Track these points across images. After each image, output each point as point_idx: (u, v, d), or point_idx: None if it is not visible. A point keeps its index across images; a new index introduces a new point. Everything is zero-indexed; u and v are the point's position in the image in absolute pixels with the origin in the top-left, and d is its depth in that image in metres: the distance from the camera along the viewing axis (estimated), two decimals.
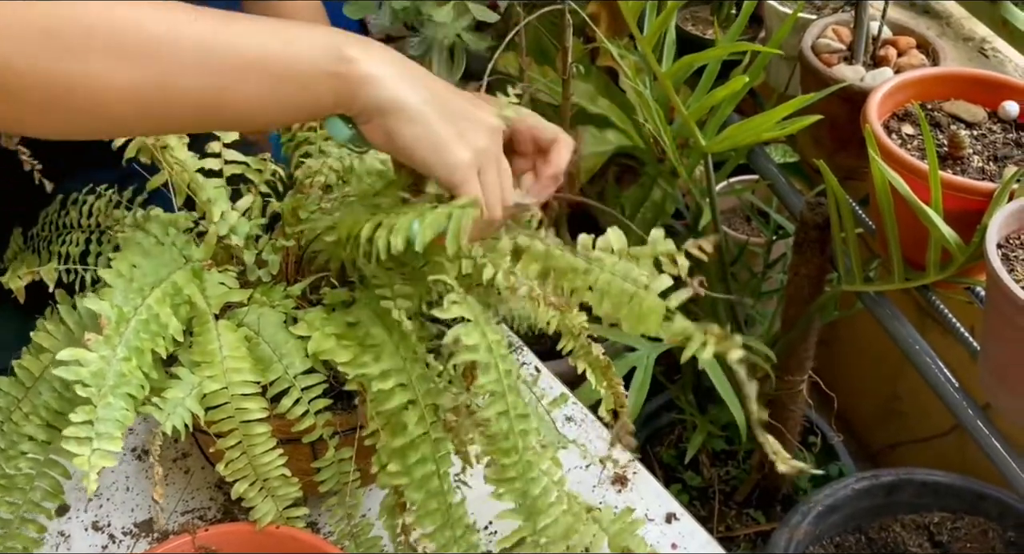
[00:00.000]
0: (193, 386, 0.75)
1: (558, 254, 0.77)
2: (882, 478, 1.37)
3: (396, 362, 0.77)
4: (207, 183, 0.88)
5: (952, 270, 1.00)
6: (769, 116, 1.13)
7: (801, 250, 1.25)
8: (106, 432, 0.67)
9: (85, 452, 0.66)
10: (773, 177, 1.38)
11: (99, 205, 0.94)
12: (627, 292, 0.73)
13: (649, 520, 1.00)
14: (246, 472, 0.79)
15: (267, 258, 0.88)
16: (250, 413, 0.77)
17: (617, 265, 0.75)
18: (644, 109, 1.28)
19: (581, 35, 1.62)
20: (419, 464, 0.77)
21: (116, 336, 0.71)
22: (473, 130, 0.75)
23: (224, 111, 0.71)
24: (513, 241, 0.79)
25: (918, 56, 1.20)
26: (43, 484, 0.78)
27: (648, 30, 1.15)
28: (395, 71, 0.73)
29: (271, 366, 0.79)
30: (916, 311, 1.37)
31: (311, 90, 0.71)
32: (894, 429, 1.79)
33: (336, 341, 0.79)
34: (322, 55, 0.71)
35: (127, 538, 0.97)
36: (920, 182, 0.97)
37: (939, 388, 1.08)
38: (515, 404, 0.76)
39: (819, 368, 1.41)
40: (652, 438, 1.72)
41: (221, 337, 0.77)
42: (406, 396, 0.77)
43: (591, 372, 0.80)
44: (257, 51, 0.70)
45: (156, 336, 0.73)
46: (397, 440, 0.76)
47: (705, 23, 1.56)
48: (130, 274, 0.75)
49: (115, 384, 0.69)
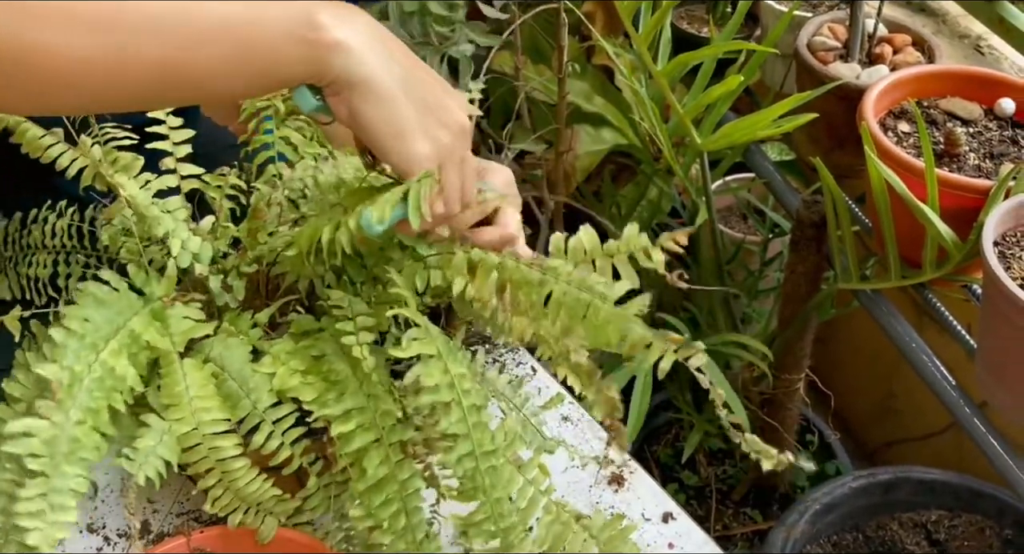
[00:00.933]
0: (163, 432, 0.73)
1: (512, 266, 0.75)
2: (879, 476, 1.37)
3: (359, 400, 0.75)
4: (163, 216, 0.84)
5: (949, 268, 1.00)
6: (765, 114, 1.13)
7: (798, 248, 1.25)
8: (60, 503, 0.66)
9: (40, 526, 0.65)
10: (769, 175, 1.37)
11: (62, 225, 0.92)
12: (583, 302, 0.71)
13: (646, 520, 0.99)
14: (235, 504, 0.78)
15: (232, 283, 0.85)
16: (225, 450, 0.75)
17: (573, 275, 0.73)
18: (640, 107, 1.28)
19: (577, 34, 1.61)
20: (384, 505, 0.75)
21: (69, 399, 0.68)
22: (440, 124, 0.73)
23: (188, 79, 0.68)
24: (467, 255, 0.77)
25: (914, 54, 1.20)
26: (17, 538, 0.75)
27: (643, 28, 1.15)
28: (370, 42, 0.70)
29: (239, 403, 0.77)
30: (913, 309, 1.37)
31: (279, 57, 0.69)
32: (891, 427, 1.78)
33: (301, 377, 0.76)
34: (291, 19, 0.68)
35: (122, 540, 0.97)
36: (916, 180, 0.97)
37: (936, 386, 1.08)
38: (480, 442, 0.73)
39: (816, 366, 1.41)
40: (649, 437, 1.72)
41: (187, 376, 0.75)
42: (369, 436, 0.75)
43: (574, 379, 0.76)
44: (220, 14, 0.67)
45: (112, 391, 0.71)
46: (360, 484, 0.75)
47: (700, 21, 1.56)
48: (82, 330, 0.72)
49: (69, 450, 0.67)
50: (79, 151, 0.86)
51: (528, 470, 0.76)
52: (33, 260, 0.92)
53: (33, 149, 0.86)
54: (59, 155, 0.86)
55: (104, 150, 0.86)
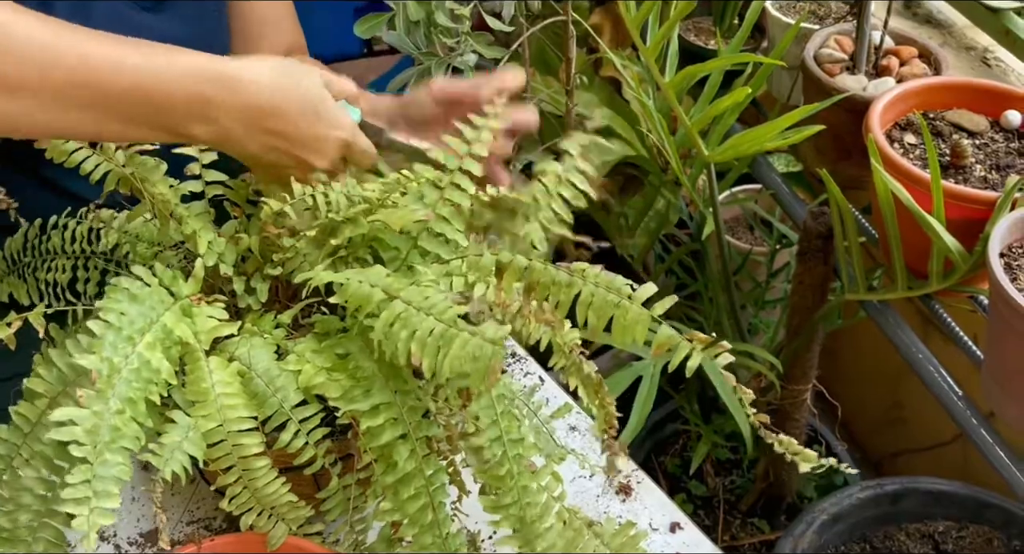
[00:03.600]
0: (189, 428, 0.74)
1: (540, 268, 0.77)
2: (886, 487, 1.37)
3: (386, 396, 0.76)
4: (190, 214, 0.87)
5: (955, 279, 1.01)
6: (772, 126, 1.13)
7: (805, 259, 1.26)
8: (104, 490, 0.67)
9: (84, 512, 0.66)
10: (776, 187, 1.38)
11: (81, 230, 0.93)
12: (611, 303, 0.73)
13: (653, 530, 1.00)
14: (251, 504, 0.79)
15: (255, 285, 0.87)
16: (248, 449, 0.76)
17: (600, 276, 0.75)
18: (647, 119, 1.28)
19: (584, 46, 1.62)
20: (412, 499, 0.76)
21: (108, 389, 0.70)
22: (319, 155, 0.86)
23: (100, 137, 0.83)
24: (495, 257, 0.79)
25: (920, 66, 1.21)
26: (45, 535, 0.77)
27: (651, 41, 1.16)
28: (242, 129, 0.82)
29: (267, 401, 0.78)
30: (919, 320, 1.37)
31: (168, 137, 0.82)
32: (897, 438, 1.78)
33: (327, 375, 0.78)
34: (177, 113, 0.80)
35: (132, 548, 0.98)
36: (922, 191, 0.97)
37: (942, 397, 1.08)
38: (508, 429, 0.76)
39: (823, 377, 1.41)
40: (657, 448, 1.72)
41: (213, 374, 0.77)
42: (397, 431, 0.76)
43: (583, 389, 0.79)
44: (118, 95, 0.78)
45: (149, 383, 0.73)
46: (388, 477, 0.76)
47: (707, 33, 1.56)
48: (119, 322, 0.74)
49: (110, 439, 0.68)
50: (103, 155, 0.88)
51: (542, 476, 0.77)
52: (52, 265, 0.93)
53: (57, 154, 0.88)
54: (83, 160, 0.88)
55: (127, 154, 0.88)
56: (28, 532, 0.76)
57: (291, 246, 0.85)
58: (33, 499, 0.76)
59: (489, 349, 0.68)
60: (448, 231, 0.84)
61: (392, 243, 0.84)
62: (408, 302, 0.73)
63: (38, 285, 0.93)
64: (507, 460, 0.75)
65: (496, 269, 0.78)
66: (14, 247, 0.95)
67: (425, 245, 0.83)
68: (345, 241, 0.84)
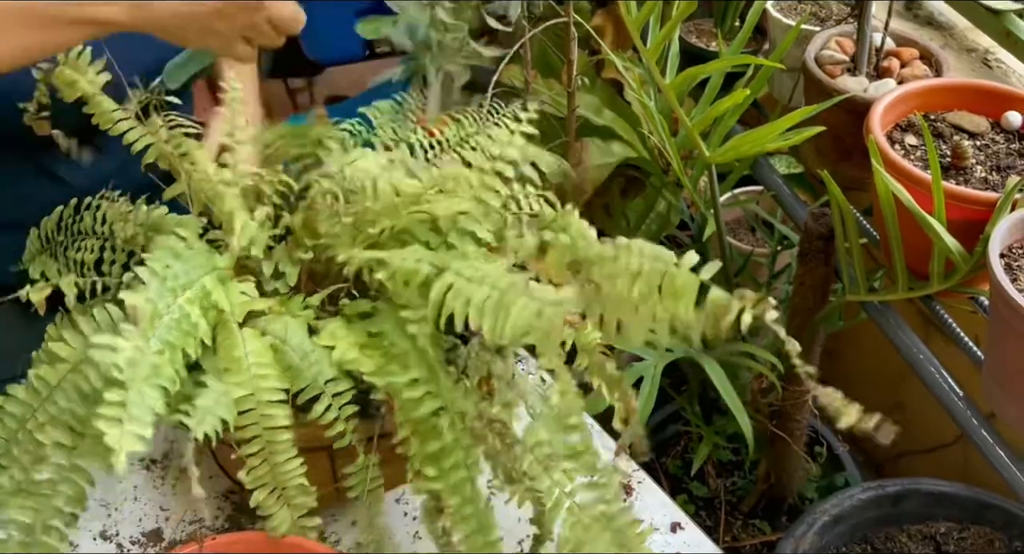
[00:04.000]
0: (222, 393, 0.76)
1: (584, 245, 0.78)
2: (888, 488, 1.37)
3: (423, 371, 0.79)
4: (228, 193, 0.89)
5: (955, 280, 1.01)
6: (773, 127, 1.14)
7: (806, 261, 1.26)
8: (138, 416, 0.68)
9: (116, 432, 0.66)
10: (777, 188, 1.38)
11: (112, 213, 0.95)
12: (659, 271, 0.74)
13: (654, 529, 1.00)
14: (266, 480, 0.80)
15: (284, 270, 0.88)
16: (275, 420, 0.78)
17: (645, 249, 0.76)
18: (649, 121, 1.29)
19: (586, 48, 1.62)
20: (453, 469, 0.78)
21: (150, 329, 0.71)
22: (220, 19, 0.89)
23: None
24: (539, 237, 0.80)
25: (921, 67, 1.21)
26: (66, 489, 0.78)
27: (652, 43, 1.16)
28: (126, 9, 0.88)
29: (301, 374, 0.80)
30: (920, 321, 1.37)
31: (70, 34, 0.89)
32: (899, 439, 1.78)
33: (360, 351, 0.80)
34: None
35: (135, 547, 0.98)
36: (923, 192, 0.97)
37: (943, 398, 1.08)
38: None
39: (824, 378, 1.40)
40: (658, 449, 1.72)
41: (247, 343, 0.78)
42: (436, 403, 0.78)
43: (605, 387, 0.82)
44: None
45: (187, 335, 0.75)
46: (431, 445, 0.78)
47: (708, 35, 1.57)
48: (163, 273, 0.76)
49: (148, 374, 0.70)
50: (147, 129, 0.91)
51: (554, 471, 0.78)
52: (82, 245, 0.95)
53: (104, 121, 0.91)
54: (127, 130, 0.91)
55: (170, 133, 0.91)
56: (49, 486, 0.77)
57: (325, 231, 0.87)
58: (56, 453, 0.77)
59: (551, 310, 0.70)
60: (478, 229, 0.86)
61: (423, 238, 0.86)
62: (459, 273, 0.75)
63: (68, 264, 0.94)
64: None
65: (539, 248, 0.80)
66: (49, 226, 0.97)
67: (454, 241, 0.85)
68: (379, 232, 0.85)
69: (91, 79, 0.92)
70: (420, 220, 0.86)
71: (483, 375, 0.82)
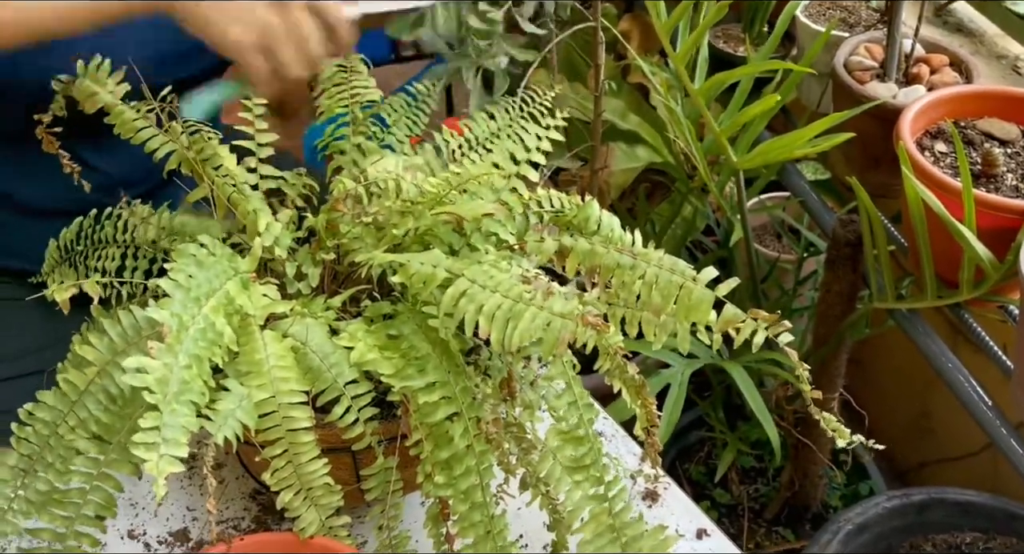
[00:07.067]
0: (243, 397, 0.76)
1: (603, 251, 0.79)
2: (913, 497, 1.36)
3: (441, 375, 0.79)
4: (252, 195, 0.90)
5: (985, 288, 1.00)
6: (801, 134, 1.13)
7: (833, 267, 1.25)
8: (173, 438, 0.68)
9: (153, 457, 0.67)
10: (804, 194, 1.38)
11: (134, 220, 0.96)
12: (675, 284, 0.75)
13: (680, 535, 0.99)
14: (291, 481, 0.80)
15: (306, 271, 0.89)
16: (297, 421, 0.78)
17: (663, 259, 0.77)
18: (675, 126, 1.29)
19: (612, 52, 1.63)
20: (464, 476, 0.78)
21: (177, 344, 0.72)
22: (250, 11, 0.88)
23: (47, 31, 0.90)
24: (558, 242, 0.80)
25: (951, 74, 1.20)
26: (96, 497, 0.79)
27: (681, 48, 1.16)
28: None
29: (321, 375, 0.80)
30: (948, 329, 1.36)
31: None
32: (925, 447, 1.77)
33: (379, 353, 0.80)
34: None
35: (162, 547, 0.98)
36: (953, 200, 0.97)
37: (972, 406, 1.07)
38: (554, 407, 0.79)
39: (850, 386, 1.40)
40: (681, 455, 1.71)
41: (267, 346, 0.79)
42: (451, 408, 0.78)
43: (626, 391, 0.81)
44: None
45: (213, 344, 0.75)
46: (443, 452, 0.78)
47: (736, 40, 1.56)
48: (187, 284, 0.76)
49: (179, 391, 0.70)
50: (169, 136, 0.91)
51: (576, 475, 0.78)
52: (102, 253, 0.95)
53: (125, 130, 0.91)
54: (149, 138, 0.91)
55: (192, 139, 0.91)
56: (79, 494, 0.78)
57: (347, 231, 0.87)
58: (85, 462, 0.78)
59: (559, 322, 0.70)
60: (501, 232, 0.86)
61: (446, 239, 0.86)
62: (473, 280, 0.75)
63: (87, 273, 0.95)
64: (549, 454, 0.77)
65: (558, 253, 0.80)
66: (68, 236, 0.98)
67: (477, 244, 0.85)
68: (403, 233, 0.86)
69: (111, 89, 0.93)
70: (444, 222, 0.86)
71: (504, 377, 0.82)
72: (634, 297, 0.78)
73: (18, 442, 0.79)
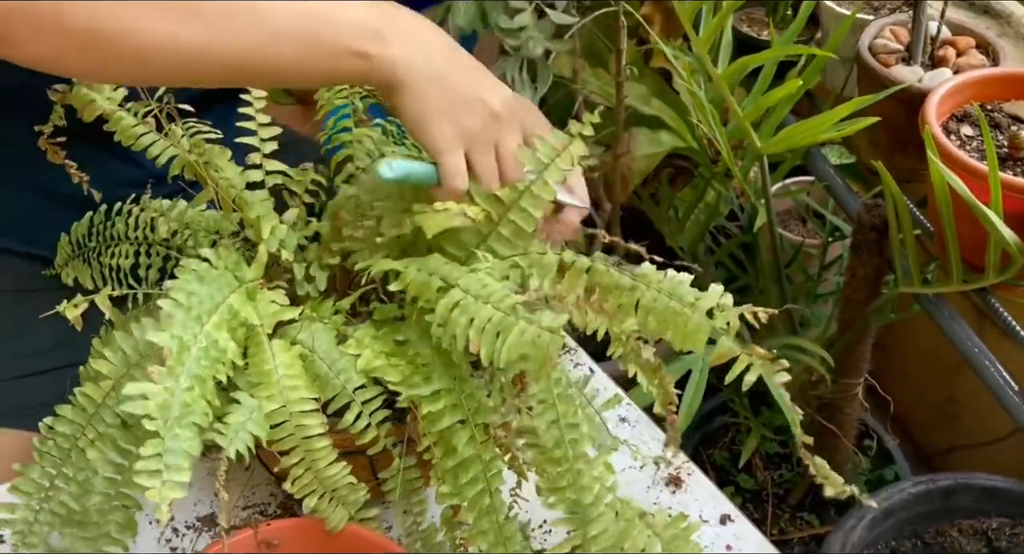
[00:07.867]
0: (253, 409, 0.76)
1: (603, 270, 0.78)
2: (939, 482, 1.36)
3: (446, 382, 0.78)
4: (255, 199, 0.89)
5: (1012, 272, 0.99)
6: (826, 118, 1.13)
7: (858, 252, 1.25)
8: (174, 464, 0.68)
9: (156, 484, 0.67)
10: (829, 179, 1.37)
11: (145, 217, 0.96)
12: (672, 310, 0.74)
13: (704, 521, 1.00)
14: (313, 486, 0.80)
15: (315, 274, 0.88)
16: (310, 429, 0.78)
17: (663, 282, 0.75)
18: (698, 110, 1.28)
19: (635, 37, 1.62)
20: (470, 484, 0.78)
21: (179, 366, 0.71)
22: (469, 111, 0.80)
23: (255, 72, 0.78)
24: (559, 256, 0.79)
25: (978, 56, 1.19)
26: (116, 518, 0.80)
27: (704, 32, 1.16)
28: (419, 52, 0.78)
29: (330, 383, 0.80)
30: (974, 314, 1.35)
31: (339, 66, 0.78)
32: (951, 433, 1.76)
33: (386, 359, 0.79)
34: (350, 33, 0.76)
35: (190, 532, 0.99)
36: (979, 184, 0.96)
37: (998, 392, 1.07)
38: (565, 413, 0.77)
39: (875, 371, 1.40)
40: (705, 440, 1.71)
41: (276, 357, 0.78)
42: (456, 416, 0.78)
43: (642, 374, 0.81)
44: (290, 16, 0.75)
45: (216, 362, 0.74)
46: (448, 461, 0.78)
47: (760, 24, 1.55)
48: (188, 302, 0.75)
49: (180, 415, 0.70)
50: (169, 141, 0.91)
51: (594, 467, 0.77)
52: (115, 250, 0.95)
53: (126, 137, 0.91)
54: (150, 144, 0.91)
55: (192, 141, 0.90)
56: (99, 515, 0.78)
57: (350, 235, 0.87)
58: (102, 482, 0.78)
59: (547, 337, 0.69)
60: (506, 250, 0.84)
61: (454, 252, 0.85)
62: (466, 290, 0.74)
63: (101, 270, 0.95)
64: (563, 444, 0.76)
65: (558, 268, 0.79)
66: (80, 231, 0.98)
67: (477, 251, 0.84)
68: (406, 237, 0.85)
69: (109, 96, 0.93)
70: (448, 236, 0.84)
71: (516, 372, 0.80)
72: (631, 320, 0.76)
73: (40, 456, 0.80)
